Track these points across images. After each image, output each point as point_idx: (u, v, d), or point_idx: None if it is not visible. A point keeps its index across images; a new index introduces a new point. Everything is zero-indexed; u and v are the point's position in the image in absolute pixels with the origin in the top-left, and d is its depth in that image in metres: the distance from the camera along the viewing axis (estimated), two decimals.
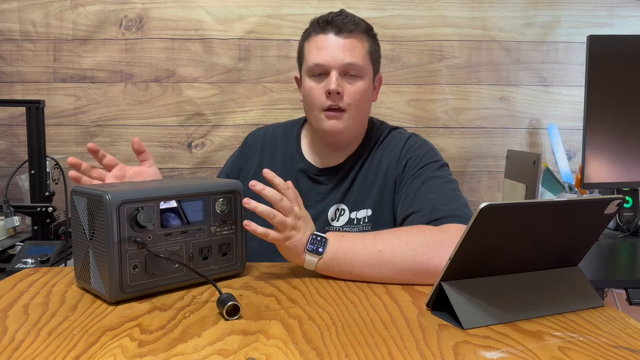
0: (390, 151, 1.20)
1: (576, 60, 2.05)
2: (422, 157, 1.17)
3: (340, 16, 1.14)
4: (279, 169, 1.25)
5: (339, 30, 1.13)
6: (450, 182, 1.13)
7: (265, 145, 1.30)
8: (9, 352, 0.65)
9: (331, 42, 1.13)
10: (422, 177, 1.13)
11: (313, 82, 1.15)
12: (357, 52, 1.14)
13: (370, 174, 1.20)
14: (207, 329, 0.72)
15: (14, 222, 1.58)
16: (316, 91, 1.14)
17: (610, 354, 0.65)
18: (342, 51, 1.13)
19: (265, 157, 1.28)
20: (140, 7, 2.01)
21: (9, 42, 2.02)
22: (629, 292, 1.19)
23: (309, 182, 1.23)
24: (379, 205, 1.18)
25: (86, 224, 0.85)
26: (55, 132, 2.04)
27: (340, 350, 0.66)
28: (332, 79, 1.11)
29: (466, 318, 0.73)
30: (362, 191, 1.19)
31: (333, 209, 1.20)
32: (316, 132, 1.21)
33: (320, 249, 0.93)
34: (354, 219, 1.19)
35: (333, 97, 1.12)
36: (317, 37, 1.15)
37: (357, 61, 1.13)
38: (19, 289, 0.90)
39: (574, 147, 2.08)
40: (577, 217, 0.78)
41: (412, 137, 1.22)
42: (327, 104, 1.13)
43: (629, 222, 1.63)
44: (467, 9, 2.04)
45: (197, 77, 2.04)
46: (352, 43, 1.14)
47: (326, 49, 1.13)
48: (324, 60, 1.12)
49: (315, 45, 1.15)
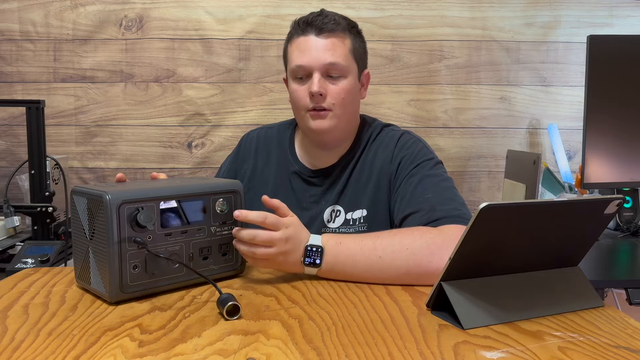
0: (384, 149, 1.19)
1: (576, 60, 2.05)
2: (415, 154, 1.15)
3: (320, 16, 1.14)
4: (273, 172, 1.25)
5: (320, 31, 1.13)
6: (446, 180, 1.12)
7: (259, 148, 1.29)
8: (9, 352, 0.65)
9: (312, 43, 1.13)
10: (418, 176, 1.12)
11: (297, 84, 1.15)
12: (338, 52, 1.13)
13: (364, 173, 1.19)
14: (207, 329, 0.72)
15: (14, 222, 1.58)
16: (300, 93, 1.15)
17: (610, 354, 0.65)
18: (323, 52, 1.12)
19: (260, 159, 1.28)
20: (140, 7, 2.01)
21: (9, 42, 2.02)
22: (629, 292, 1.19)
23: (303, 183, 1.23)
24: (374, 205, 1.17)
25: (86, 224, 0.85)
26: (55, 132, 2.04)
27: (340, 350, 0.66)
28: (314, 81, 1.11)
29: (466, 318, 0.73)
30: (356, 191, 1.19)
31: (329, 210, 1.19)
32: (305, 133, 1.22)
33: (317, 260, 0.92)
34: (349, 219, 1.18)
35: (316, 98, 1.13)
36: (298, 39, 1.15)
37: (338, 60, 1.12)
38: (19, 289, 0.90)
39: (574, 147, 2.08)
40: (577, 217, 0.78)
41: (404, 135, 1.21)
42: (311, 105, 1.14)
43: (629, 222, 1.63)
44: (467, 9, 2.04)
45: (197, 77, 2.04)
46: (333, 42, 1.13)
47: (307, 51, 1.13)
48: (306, 62, 1.12)
49: (297, 47, 1.14)
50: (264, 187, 1.24)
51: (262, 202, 0.94)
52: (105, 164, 2.06)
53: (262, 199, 0.94)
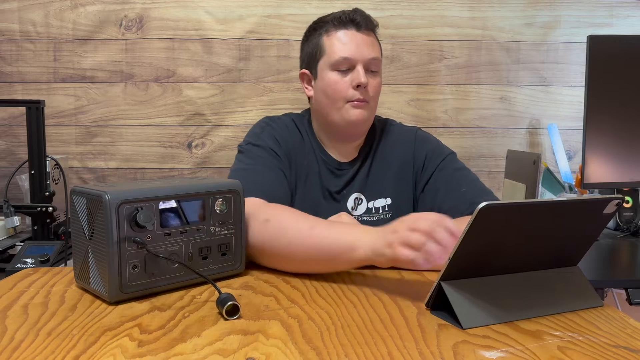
0: (402, 143, 1.26)
1: (576, 60, 2.05)
2: (439, 149, 1.25)
3: (357, 13, 1.19)
4: (304, 160, 1.24)
5: (359, 27, 1.18)
6: (470, 172, 1.22)
7: (291, 135, 1.25)
8: (8, 352, 0.65)
9: (354, 37, 1.17)
10: (449, 169, 1.20)
11: (337, 76, 1.18)
12: (376, 49, 1.20)
13: (383, 163, 1.25)
14: (207, 329, 0.72)
15: (14, 222, 1.58)
16: (342, 84, 1.17)
17: (609, 354, 0.65)
18: (366, 46, 1.17)
19: (292, 146, 1.23)
20: (140, 7, 2.01)
21: (9, 42, 2.02)
22: (629, 292, 1.18)
23: (330, 174, 1.25)
24: (398, 194, 1.24)
25: (86, 224, 0.85)
26: (55, 132, 2.04)
27: (340, 350, 0.66)
28: (361, 73, 1.16)
29: (465, 318, 0.73)
30: (377, 181, 1.24)
31: (352, 198, 1.24)
32: (334, 125, 1.22)
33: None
34: (371, 208, 1.24)
35: (361, 90, 1.16)
36: (338, 32, 1.18)
37: (378, 56, 1.20)
38: (18, 289, 0.90)
39: (574, 147, 2.08)
40: (576, 217, 0.78)
41: (418, 130, 1.30)
42: (355, 97, 1.17)
43: (629, 222, 1.63)
44: (467, 9, 2.04)
45: (197, 77, 2.04)
46: (372, 39, 1.20)
47: (351, 44, 1.16)
48: (352, 54, 1.16)
49: (339, 40, 1.17)
50: (299, 173, 1.23)
51: (295, 187, 1.01)
52: (105, 164, 2.06)
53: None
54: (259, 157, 1.17)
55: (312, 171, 1.24)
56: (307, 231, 0.92)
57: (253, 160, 1.16)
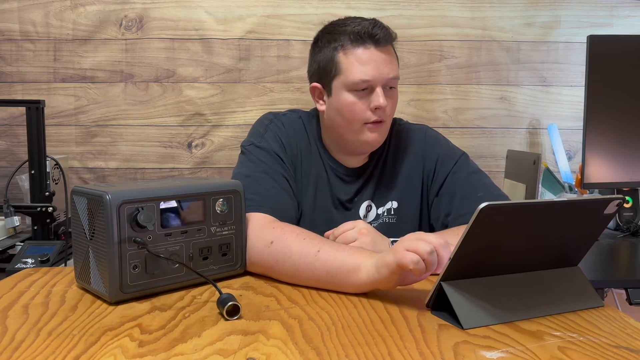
0: (412, 144, 1.22)
1: (576, 60, 2.05)
2: (450, 151, 1.21)
3: (376, 27, 1.10)
4: (310, 164, 1.21)
5: (377, 43, 1.09)
6: (484, 174, 1.19)
7: (297, 137, 1.22)
8: (9, 352, 0.65)
9: (374, 56, 1.09)
10: (463, 173, 1.17)
11: (355, 97, 1.10)
12: (394, 65, 1.13)
13: (394, 167, 1.22)
14: (207, 329, 0.72)
15: (14, 222, 1.58)
16: (359, 106, 1.11)
17: (610, 354, 0.65)
18: (385, 65, 1.10)
19: (298, 148, 1.20)
20: (140, 7, 2.01)
21: (9, 42, 2.02)
22: (629, 292, 1.18)
23: (340, 181, 1.21)
24: (404, 198, 1.20)
25: (86, 224, 0.85)
26: (55, 132, 2.04)
27: (340, 350, 0.66)
28: (380, 94, 1.09)
29: (466, 318, 0.73)
30: (386, 185, 1.21)
31: (364, 206, 1.21)
32: (348, 143, 1.17)
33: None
34: (380, 214, 1.21)
35: (379, 112, 1.11)
36: (357, 50, 1.10)
37: (397, 74, 1.13)
38: (19, 289, 0.90)
39: (574, 147, 2.08)
40: (577, 217, 0.78)
41: (428, 129, 1.25)
42: (372, 119, 1.11)
43: (629, 222, 1.63)
44: (467, 9, 2.04)
45: (197, 77, 2.04)
46: (390, 54, 1.12)
47: (370, 64, 1.09)
48: (372, 77, 1.09)
49: (357, 59, 1.09)
50: (306, 180, 1.20)
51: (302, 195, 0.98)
52: (105, 164, 2.06)
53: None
54: (263, 162, 1.13)
55: (321, 179, 1.20)
56: (313, 256, 0.90)
57: (257, 165, 1.13)
